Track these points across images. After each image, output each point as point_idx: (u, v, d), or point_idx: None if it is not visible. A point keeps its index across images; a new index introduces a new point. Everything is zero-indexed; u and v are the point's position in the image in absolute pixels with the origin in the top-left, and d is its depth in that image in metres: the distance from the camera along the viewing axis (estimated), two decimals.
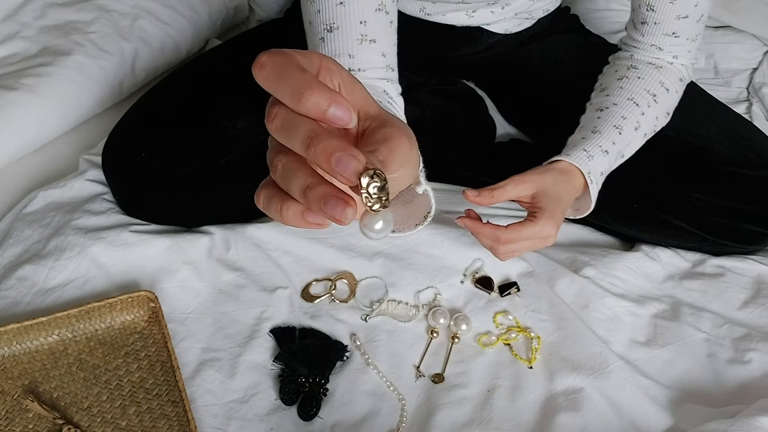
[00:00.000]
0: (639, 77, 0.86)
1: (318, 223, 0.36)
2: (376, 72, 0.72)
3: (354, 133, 0.40)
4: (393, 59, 0.74)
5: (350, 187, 0.36)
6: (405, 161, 0.40)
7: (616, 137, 0.81)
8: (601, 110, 0.84)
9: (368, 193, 0.35)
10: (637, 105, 0.84)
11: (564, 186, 0.78)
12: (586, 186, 0.79)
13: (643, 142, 0.86)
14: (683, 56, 0.88)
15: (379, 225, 0.37)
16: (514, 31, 1.01)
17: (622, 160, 0.85)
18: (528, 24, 1.01)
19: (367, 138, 0.39)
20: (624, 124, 0.82)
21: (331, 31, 0.70)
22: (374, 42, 0.71)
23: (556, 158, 0.80)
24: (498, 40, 1.01)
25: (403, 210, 0.54)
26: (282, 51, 0.36)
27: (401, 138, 0.39)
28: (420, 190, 0.49)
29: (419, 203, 0.53)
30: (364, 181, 0.34)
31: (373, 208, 0.35)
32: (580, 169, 0.78)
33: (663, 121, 0.87)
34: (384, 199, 0.35)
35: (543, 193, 0.77)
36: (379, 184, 0.35)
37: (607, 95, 0.86)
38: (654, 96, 0.85)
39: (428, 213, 0.53)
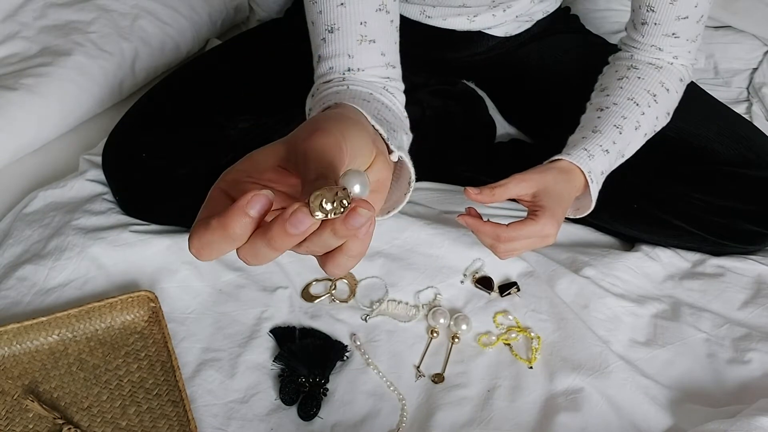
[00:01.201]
0: (639, 77, 0.86)
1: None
2: (376, 71, 0.72)
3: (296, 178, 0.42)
4: (393, 57, 0.75)
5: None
6: (333, 155, 0.40)
7: (617, 137, 0.81)
8: (602, 110, 0.84)
9: (334, 212, 0.35)
10: (637, 105, 0.84)
11: (565, 185, 0.78)
12: (587, 185, 0.79)
13: (643, 142, 0.86)
14: (683, 57, 0.88)
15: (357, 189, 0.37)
16: (513, 33, 1.01)
17: (622, 160, 0.85)
18: (527, 26, 1.02)
19: (304, 169, 0.39)
20: (624, 123, 0.82)
21: (332, 32, 0.71)
22: (374, 42, 0.71)
23: (556, 157, 0.80)
24: (498, 42, 1.01)
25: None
26: (199, 226, 0.38)
27: (308, 143, 0.40)
28: (394, 157, 0.50)
29: (399, 173, 0.55)
30: (320, 215, 0.35)
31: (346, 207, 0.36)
32: (580, 168, 0.78)
33: (663, 121, 0.87)
34: (345, 200, 0.35)
35: (544, 192, 0.77)
36: (333, 204, 0.35)
37: (608, 95, 0.86)
38: (654, 96, 0.85)
39: (410, 180, 0.55)
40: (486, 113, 1.11)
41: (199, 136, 0.93)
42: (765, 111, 1.18)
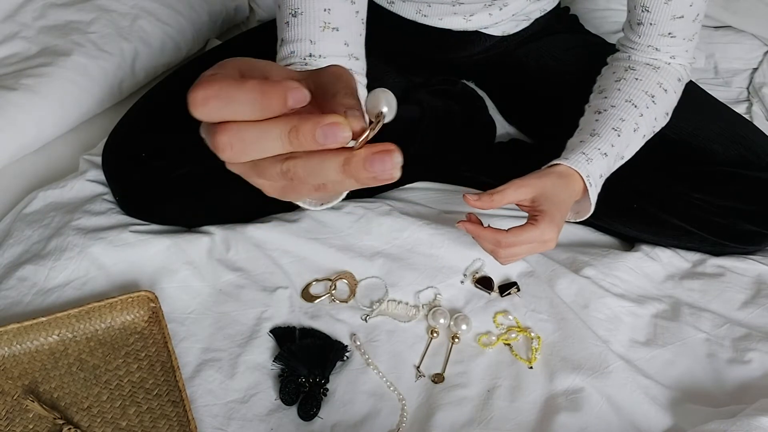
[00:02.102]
0: (637, 78, 0.86)
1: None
2: (338, 60, 0.72)
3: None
4: (357, 49, 0.75)
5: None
6: (348, 77, 0.38)
7: (615, 140, 0.81)
8: (599, 112, 0.84)
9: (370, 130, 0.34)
10: (635, 107, 0.84)
11: (563, 190, 0.78)
12: (586, 190, 0.79)
13: (642, 143, 0.86)
14: (681, 56, 0.88)
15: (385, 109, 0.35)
16: (511, 32, 1.01)
17: (622, 162, 0.85)
18: (525, 24, 1.01)
19: (320, 95, 0.37)
20: (622, 126, 0.82)
21: (295, 16, 0.71)
22: (337, 30, 0.71)
23: (555, 162, 0.80)
24: (496, 42, 1.01)
25: None
26: (212, 78, 0.35)
27: (338, 69, 0.38)
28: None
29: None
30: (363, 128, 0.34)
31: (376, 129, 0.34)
32: (579, 173, 0.78)
33: (662, 121, 0.87)
34: (375, 122, 0.34)
35: (543, 197, 0.77)
36: (373, 122, 0.34)
37: (605, 97, 0.86)
38: (652, 97, 0.85)
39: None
40: (486, 113, 1.11)
41: (199, 136, 0.93)
42: (765, 111, 1.18)
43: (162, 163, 0.90)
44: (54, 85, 1.03)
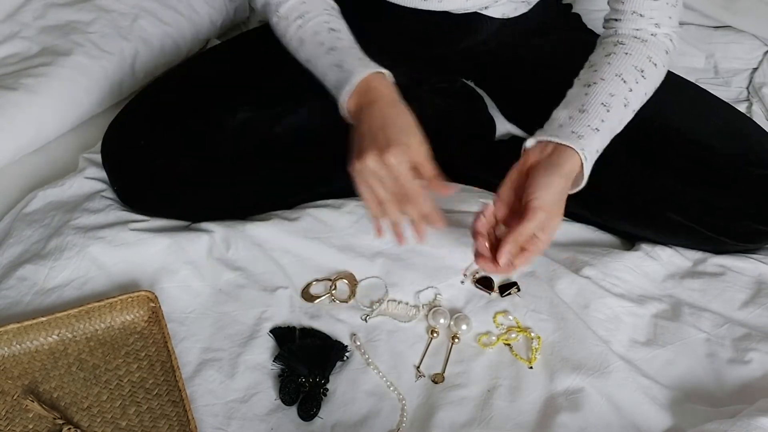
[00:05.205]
0: (627, 53, 0.86)
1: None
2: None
3: None
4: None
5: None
6: None
7: (605, 115, 0.82)
8: (588, 86, 0.85)
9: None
10: (624, 82, 0.84)
11: (550, 170, 0.77)
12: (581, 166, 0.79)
13: (631, 116, 0.85)
14: (665, 23, 0.88)
15: None
16: (511, 15, 1.00)
17: (612, 136, 0.84)
18: (524, 9, 1.01)
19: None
20: (612, 101, 0.82)
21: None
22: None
23: (543, 139, 0.80)
24: (497, 27, 1.01)
25: None
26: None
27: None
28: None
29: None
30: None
31: None
32: (574, 148, 0.78)
33: (650, 94, 0.87)
34: None
35: (530, 188, 0.77)
36: None
37: (595, 71, 0.86)
38: (642, 72, 0.85)
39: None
40: (486, 111, 1.11)
41: (198, 125, 0.93)
42: (765, 111, 1.18)
43: (161, 151, 0.91)
44: (54, 85, 1.03)
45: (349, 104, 0.82)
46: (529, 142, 0.81)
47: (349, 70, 0.82)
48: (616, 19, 0.90)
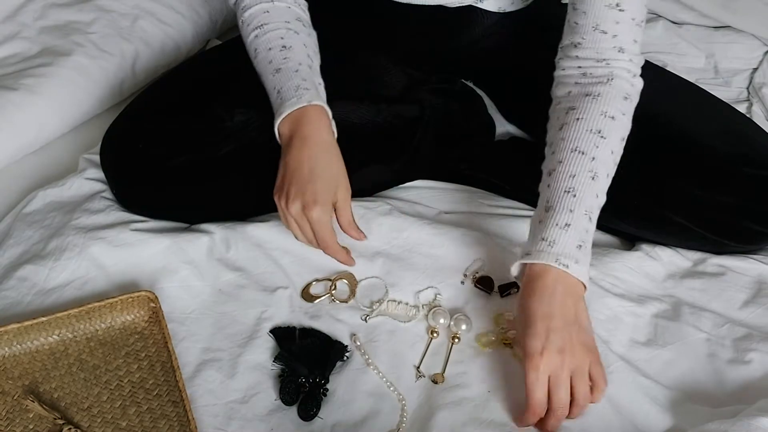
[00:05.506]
0: (578, 118, 0.81)
1: None
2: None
3: None
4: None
5: None
6: None
7: (572, 203, 0.76)
8: (549, 174, 0.80)
9: None
10: (583, 153, 0.78)
11: (532, 293, 0.74)
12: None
13: (609, 182, 0.80)
14: (628, 49, 0.82)
15: None
16: (507, 9, 1.00)
17: (599, 209, 0.80)
18: (521, 3, 1.00)
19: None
20: (575, 183, 0.77)
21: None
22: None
23: (523, 261, 0.76)
24: (494, 22, 1.00)
25: None
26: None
27: None
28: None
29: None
30: None
31: None
32: (547, 263, 0.74)
33: (619, 149, 0.82)
34: None
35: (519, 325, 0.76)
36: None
37: (553, 152, 0.81)
38: (599, 132, 0.79)
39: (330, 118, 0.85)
40: (485, 112, 1.11)
41: (197, 126, 0.93)
42: (765, 111, 1.18)
43: (159, 152, 0.91)
44: (54, 86, 1.03)
45: (282, 129, 0.86)
46: (513, 270, 0.78)
47: (284, 98, 0.85)
48: (575, 44, 0.83)
